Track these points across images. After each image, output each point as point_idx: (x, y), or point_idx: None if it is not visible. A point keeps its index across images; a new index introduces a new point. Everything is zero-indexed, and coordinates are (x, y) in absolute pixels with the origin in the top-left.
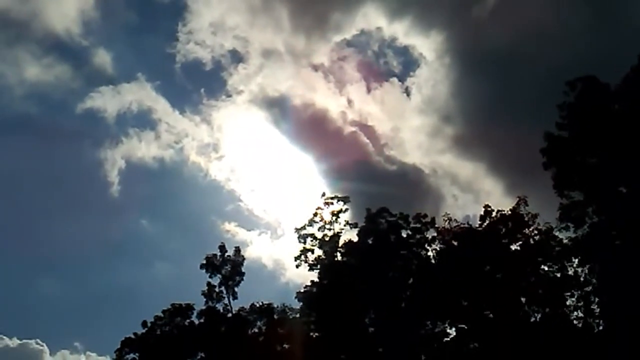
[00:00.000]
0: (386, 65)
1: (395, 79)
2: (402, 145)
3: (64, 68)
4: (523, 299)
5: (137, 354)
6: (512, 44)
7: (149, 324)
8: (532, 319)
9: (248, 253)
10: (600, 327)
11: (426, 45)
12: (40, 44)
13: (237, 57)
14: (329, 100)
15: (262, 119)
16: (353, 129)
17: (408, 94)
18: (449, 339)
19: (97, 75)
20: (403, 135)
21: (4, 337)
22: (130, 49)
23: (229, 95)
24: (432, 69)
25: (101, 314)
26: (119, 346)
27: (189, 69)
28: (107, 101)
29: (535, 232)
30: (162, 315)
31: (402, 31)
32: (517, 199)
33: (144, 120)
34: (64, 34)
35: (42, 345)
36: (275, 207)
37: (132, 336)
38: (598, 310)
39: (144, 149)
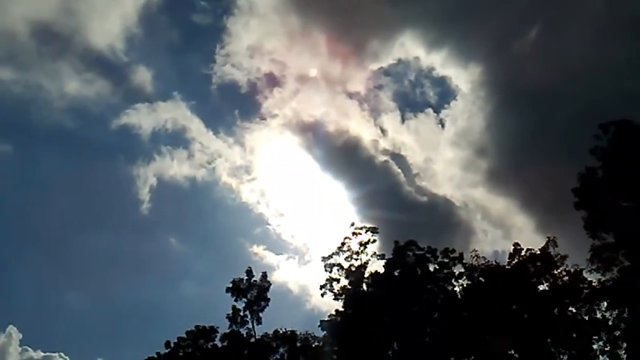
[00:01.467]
0: (422, 96)
1: (430, 110)
2: (435, 176)
3: (103, 83)
4: (549, 340)
5: None
6: (550, 79)
7: (172, 345)
8: None
9: (275, 277)
10: None
11: (463, 77)
12: (82, 59)
13: (272, 81)
14: (362, 128)
15: (294, 143)
16: (385, 158)
17: (443, 125)
18: None
19: (134, 92)
20: (436, 166)
21: (29, 348)
22: (168, 67)
23: (263, 118)
24: (468, 101)
25: (125, 331)
26: None
27: (225, 90)
28: (143, 118)
29: (564, 273)
30: (185, 336)
31: (439, 62)
32: (547, 238)
33: (178, 139)
34: (106, 49)
35: (65, 359)
36: (303, 232)
37: (155, 356)
38: (625, 356)
39: (176, 167)
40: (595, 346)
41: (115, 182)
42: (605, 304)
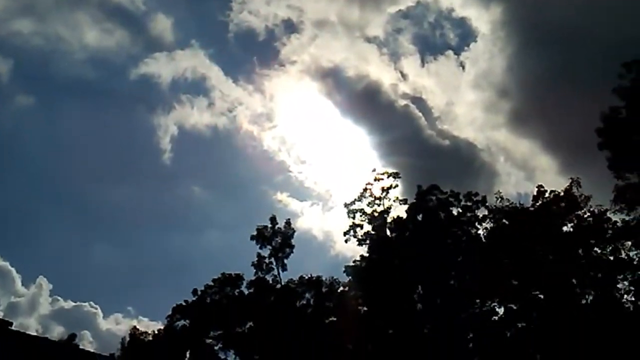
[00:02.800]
0: (442, 38)
1: (451, 52)
2: (456, 120)
3: (122, 33)
4: (574, 281)
5: (187, 321)
6: (573, 18)
7: (199, 292)
8: (583, 301)
9: (299, 224)
10: None
11: (484, 17)
12: (101, 8)
13: (290, 27)
14: (382, 73)
15: (314, 89)
16: (406, 102)
17: (463, 68)
18: (497, 318)
19: (153, 41)
20: (457, 109)
21: (60, 298)
22: (185, 16)
23: (282, 65)
24: (489, 42)
25: (153, 280)
26: (170, 312)
27: (242, 37)
28: (162, 67)
29: (588, 214)
30: (212, 284)
31: (459, 2)
32: (570, 180)
33: (198, 88)
34: None
35: (95, 308)
36: (326, 179)
37: (183, 303)
38: None
39: (197, 116)
40: (620, 285)
41: (136, 132)
42: (630, 244)
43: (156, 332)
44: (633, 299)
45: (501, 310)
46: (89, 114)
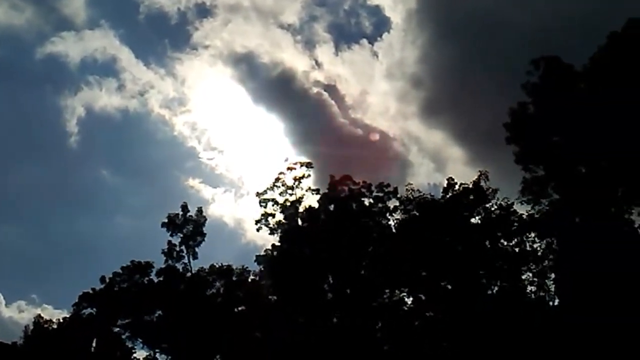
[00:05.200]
0: (357, 27)
1: (365, 41)
2: (370, 109)
3: (30, 10)
4: (481, 272)
5: (94, 309)
6: (488, 8)
7: (107, 280)
8: (489, 292)
9: (210, 211)
10: (555, 303)
11: (398, 6)
12: None
13: (203, 11)
14: (296, 60)
15: (227, 75)
16: (320, 90)
17: (377, 57)
18: (406, 308)
19: (62, 20)
20: (371, 99)
21: None
22: None
23: (194, 49)
24: (402, 31)
25: (59, 266)
26: (76, 300)
27: (154, 20)
28: (70, 47)
29: (496, 206)
30: (121, 271)
31: None
32: (479, 172)
33: (107, 69)
34: None
35: None
36: (239, 165)
37: (90, 291)
38: (553, 286)
39: (106, 98)
40: (524, 277)
41: (42, 112)
42: (534, 235)
43: (61, 320)
44: (536, 289)
45: (410, 300)
46: None
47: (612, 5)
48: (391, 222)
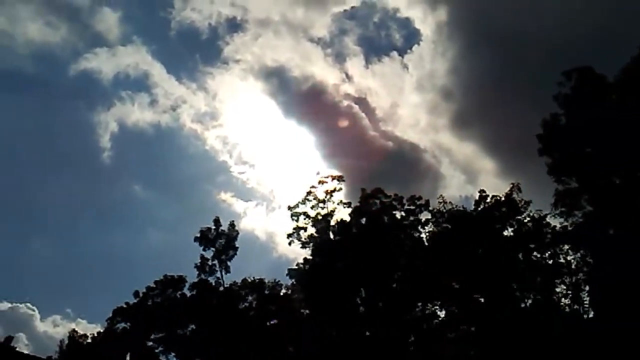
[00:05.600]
0: (387, 39)
1: (395, 53)
2: (400, 121)
3: (64, 27)
4: (514, 285)
5: (128, 324)
6: (517, 21)
7: (140, 294)
8: (522, 305)
9: (242, 224)
10: (589, 315)
11: (428, 18)
12: (45, 1)
13: (233, 26)
14: (327, 74)
15: (258, 89)
16: (350, 103)
17: (408, 69)
18: (438, 321)
19: (94, 36)
20: (401, 111)
21: None
22: (128, 12)
23: (225, 63)
24: (433, 44)
25: (93, 281)
26: (110, 315)
27: (185, 35)
28: (103, 63)
29: (528, 218)
30: (154, 286)
31: (404, 3)
32: (511, 185)
33: (140, 85)
34: None
35: (33, 310)
36: (270, 179)
37: (124, 305)
38: (587, 298)
39: (138, 113)
40: (558, 289)
41: (76, 128)
42: (567, 248)
43: (96, 334)
44: (570, 302)
45: (442, 313)
46: (28, 109)
47: None
48: (423, 235)
